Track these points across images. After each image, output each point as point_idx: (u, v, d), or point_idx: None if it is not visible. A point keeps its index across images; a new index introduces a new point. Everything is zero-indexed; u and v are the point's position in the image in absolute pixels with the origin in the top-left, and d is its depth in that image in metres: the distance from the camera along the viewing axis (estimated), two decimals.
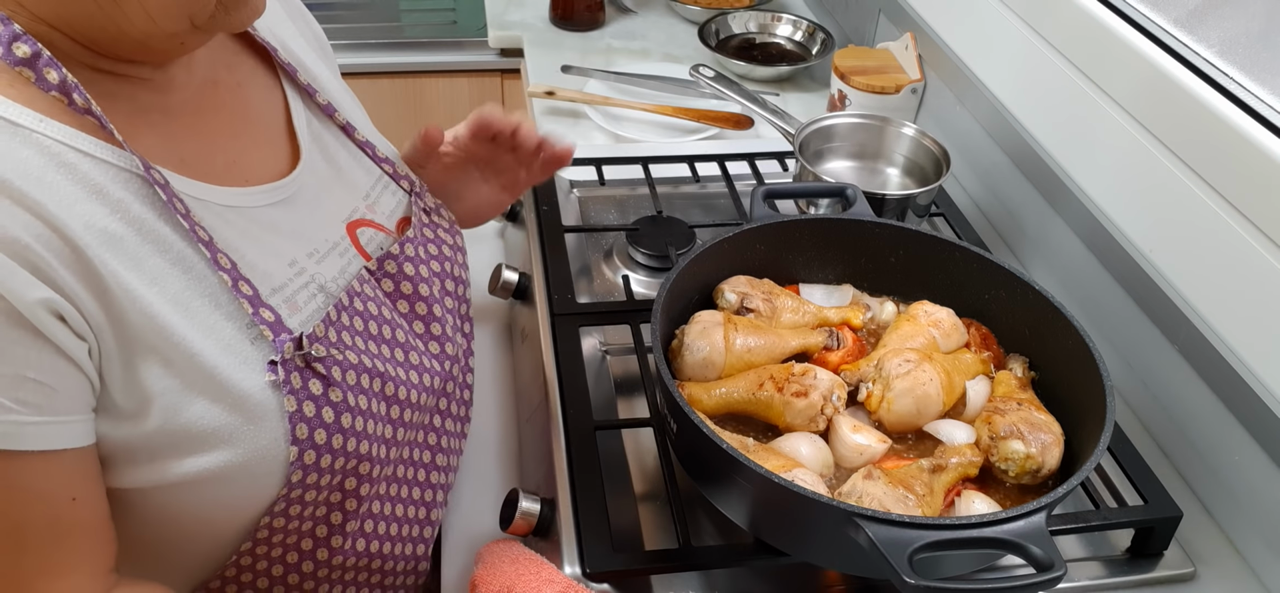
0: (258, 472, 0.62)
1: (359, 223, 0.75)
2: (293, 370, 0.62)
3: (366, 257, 0.73)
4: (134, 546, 0.64)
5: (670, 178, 1.24)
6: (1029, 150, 1.11)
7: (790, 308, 0.88)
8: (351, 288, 0.70)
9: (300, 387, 0.62)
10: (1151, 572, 0.80)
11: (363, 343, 0.69)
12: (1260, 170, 0.78)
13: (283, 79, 0.75)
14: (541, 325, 0.95)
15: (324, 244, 0.70)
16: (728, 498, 0.73)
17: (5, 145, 0.53)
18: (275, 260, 0.66)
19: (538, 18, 1.85)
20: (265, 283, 0.64)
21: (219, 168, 0.65)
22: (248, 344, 0.61)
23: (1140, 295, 0.94)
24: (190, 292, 0.59)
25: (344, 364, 0.65)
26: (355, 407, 0.65)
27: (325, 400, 0.64)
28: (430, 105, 1.97)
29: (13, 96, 0.55)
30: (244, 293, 0.61)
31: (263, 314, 0.62)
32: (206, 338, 0.59)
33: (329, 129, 0.77)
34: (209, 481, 0.60)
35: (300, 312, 0.65)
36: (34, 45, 0.56)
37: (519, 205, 1.13)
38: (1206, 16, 0.90)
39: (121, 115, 0.60)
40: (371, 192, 0.78)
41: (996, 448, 0.75)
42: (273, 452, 0.62)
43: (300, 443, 0.62)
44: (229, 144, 0.67)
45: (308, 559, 0.70)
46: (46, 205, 0.53)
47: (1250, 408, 0.81)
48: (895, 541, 0.61)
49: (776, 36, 1.73)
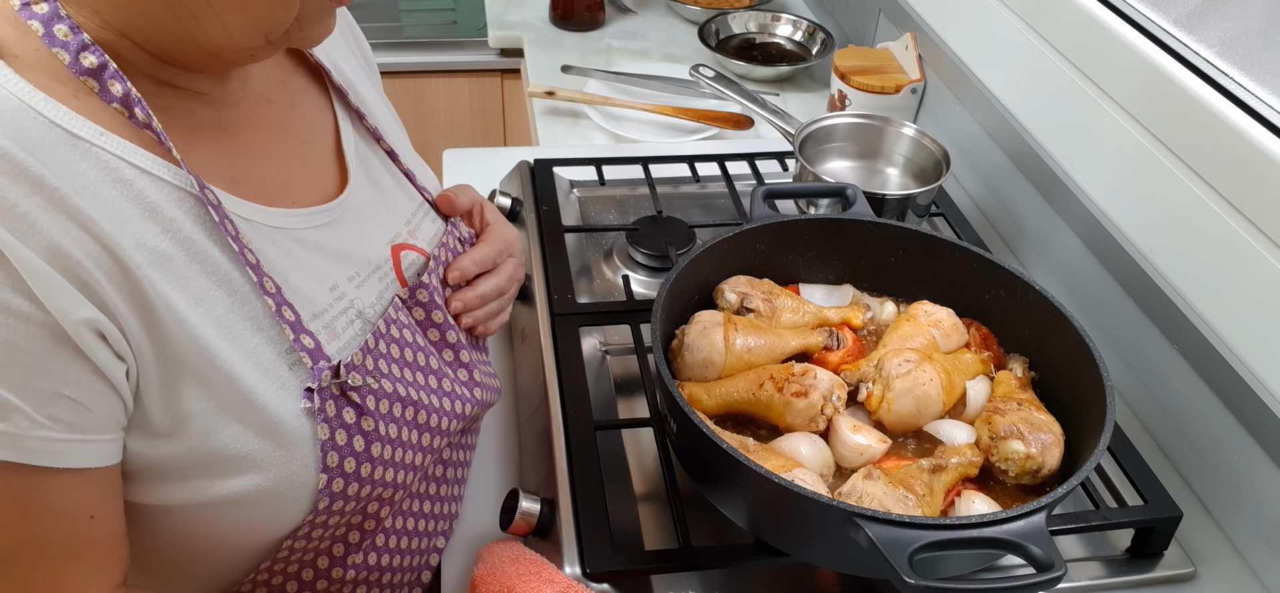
0: (286, 497, 0.61)
1: (403, 246, 0.74)
2: (328, 398, 0.62)
3: (403, 282, 0.73)
4: (153, 558, 0.63)
5: (670, 178, 1.24)
6: (1029, 150, 1.11)
7: (790, 308, 0.88)
8: (388, 315, 0.69)
9: (334, 415, 0.62)
10: (1151, 572, 0.80)
11: (398, 371, 0.68)
12: (1260, 170, 0.78)
13: (334, 99, 0.75)
14: (541, 325, 0.95)
15: (366, 267, 0.70)
16: (728, 498, 0.73)
17: (66, 158, 0.53)
18: (317, 285, 0.65)
19: (538, 18, 1.85)
20: (307, 308, 0.64)
21: (269, 188, 0.65)
22: (286, 370, 0.61)
23: (1140, 295, 0.94)
24: (233, 314, 0.59)
25: (378, 393, 0.65)
26: (386, 436, 0.65)
27: (357, 429, 0.63)
28: (430, 105, 1.97)
29: (76, 108, 0.55)
30: (287, 318, 0.61)
31: (303, 341, 0.62)
32: (247, 362, 0.59)
33: (376, 153, 0.77)
34: (237, 503, 0.60)
35: (338, 338, 0.65)
36: (101, 56, 0.55)
37: (519, 205, 1.13)
38: (1206, 16, 0.90)
39: (178, 131, 0.60)
40: (413, 217, 0.77)
41: (996, 448, 0.75)
42: (302, 478, 0.61)
43: (330, 471, 0.62)
44: (279, 164, 0.67)
45: (322, 578, 0.70)
46: (100, 222, 0.53)
47: (1250, 408, 0.81)
48: (895, 541, 0.61)
49: (776, 36, 1.73)
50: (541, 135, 1.49)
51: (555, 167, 1.19)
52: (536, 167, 1.19)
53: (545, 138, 1.48)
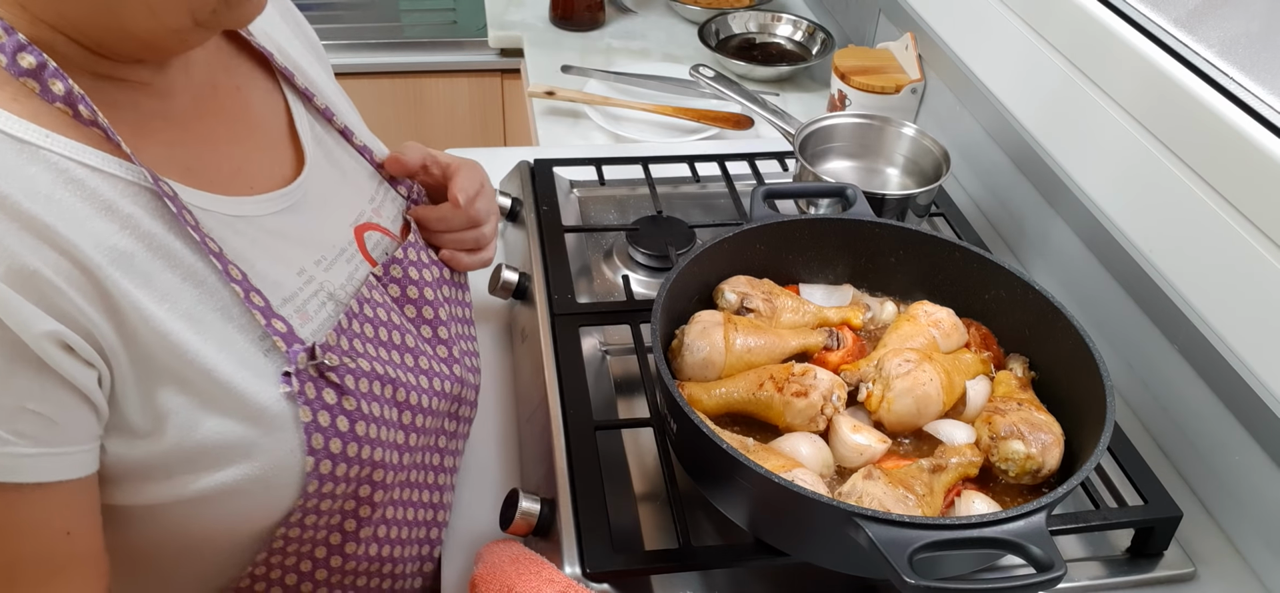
0: (274, 484, 0.61)
1: (366, 227, 0.74)
2: (307, 381, 0.62)
3: (372, 262, 0.73)
4: (148, 560, 0.63)
5: (670, 178, 1.24)
6: (1029, 150, 1.11)
7: (790, 308, 0.88)
8: (361, 295, 0.69)
9: (315, 397, 0.62)
10: (1151, 572, 0.80)
11: (374, 350, 0.68)
12: (1260, 170, 0.78)
13: (282, 83, 0.75)
14: (541, 325, 0.95)
15: (332, 250, 0.70)
16: (728, 498, 0.73)
17: (13, 163, 0.52)
18: (285, 269, 0.65)
19: (538, 18, 1.85)
20: (276, 293, 0.63)
21: (224, 176, 0.65)
22: (261, 357, 0.61)
23: (1140, 295, 0.94)
24: (202, 306, 0.58)
25: (356, 372, 0.65)
26: (369, 415, 0.65)
27: (340, 410, 0.63)
28: (430, 105, 1.97)
29: (17, 111, 0.53)
30: (256, 304, 0.61)
31: (275, 325, 0.61)
32: (220, 352, 0.58)
33: (330, 133, 0.77)
34: (226, 495, 0.60)
35: (311, 321, 0.65)
36: (39, 56, 0.54)
37: (519, 205, 1.13)
38: (1206, 16, 0.90)
39: (126, 125, 0.59)
40: (376, 195, 0.78)
41: (996, 448, 0.75)
42: (289, 463, 0.61)
43: (316, 453, 0.62)
44: (232, 151, 0.67)
45: (321, 567, 0.69)
46: (56, 227, 0.52)
47: (1250, 408, 0.81)
48: (895, 541, 0.61)
49: (776, 36, 1.73)
50: (541, 135, 1.49)
51: (555, 167, 1.19)
52: (536, 167, 1.19)
53: (545, 138, 1.48)
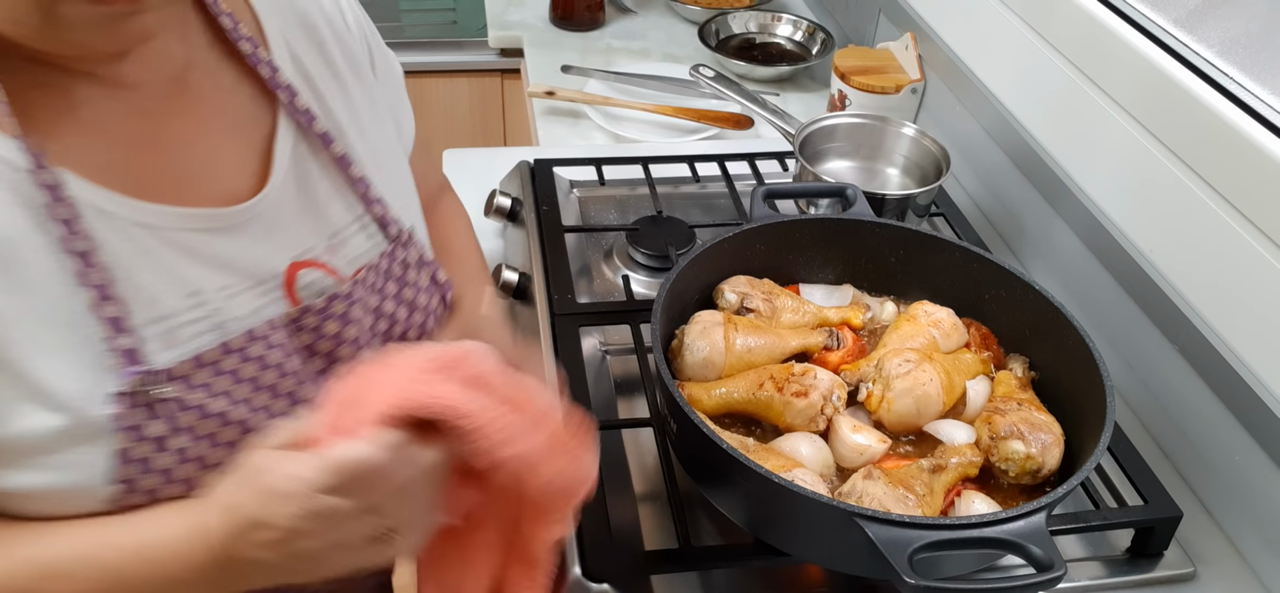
0: (72, 504, 0.58)
1: (304, 263, 0.67)
2: (136, 406, 0.57)
3: (295, 301, 0.66)
4: None
5: (670, 178, 1.24)
6: (1029, 150, 1.11)
7: (790, 308, 0.88)
8: (254, 332, 0.63)
9: (136, 426, 0.57)
10: (1151, 572, 0.80)
11: (245, 393, 0.62)
12: (1260, 170, 0.78)
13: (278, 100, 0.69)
14: (541, 325, 0.95)
15: (247, 280, 0.64)
16: (728, 498, 0.73)
17: None
18: (171, 288, 0.60)
19: (538, 18, 1.85)
20: (146, 309, 0.58)
21: (151, 180, 0.60)
22: (97, 369, 0.56)
23: (1140, 295, 0.94)
24: (41, 302, 0.55)
25: (201, 410, 0.59)
26: (197, 457, 0.59)
27: (162, 447, 0.58)
28: (430, 105, 1.97)
29: None
30: (106, 314, 0.56)
31: (120, 341, 0.57)
32: (42, 352, 0.55)
33: (317, 157, 0.70)
34: (28, 497, 0.57)
35: (177, 347, 0.60)
36: None
37: (519, 205, 1.13)
38: (1206, 16, 0.90)
39: (47, 108, 0.56)
40: (342, 232, 0.70)
41: (996, 448, 0.75)
42: (91, 484, 0.57)
43: (125, 483, 0.58)
44: (177, 157, 0.62)
45: None
46: None
47: (1250, 408, 0.81)
48: (895, 541, 0.61)
49: (776, 36, 1.73)
50: (541, 135, 1.49)
51: (555, 167, 1.19)
52: (536, 167, 1.19)
53: (545, 138, 1.48)
